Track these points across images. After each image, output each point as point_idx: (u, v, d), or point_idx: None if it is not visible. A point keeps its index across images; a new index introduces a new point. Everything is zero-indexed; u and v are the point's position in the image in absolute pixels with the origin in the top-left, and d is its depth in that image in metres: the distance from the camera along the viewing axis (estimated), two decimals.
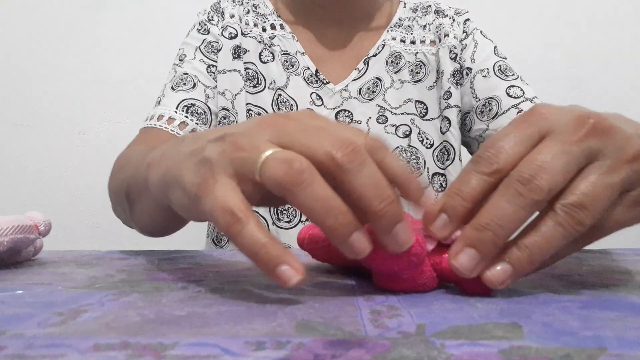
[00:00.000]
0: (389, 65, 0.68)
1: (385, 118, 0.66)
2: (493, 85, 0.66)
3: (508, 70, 0.67)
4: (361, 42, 0.70)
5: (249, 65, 0.67)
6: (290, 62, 0.68)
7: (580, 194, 0.24)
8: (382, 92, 0.67)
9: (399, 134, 0.65)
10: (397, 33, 0.71)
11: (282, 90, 0.66)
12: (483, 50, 0.69)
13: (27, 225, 0.38)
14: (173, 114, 0.61)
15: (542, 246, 0.24)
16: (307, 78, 0.67)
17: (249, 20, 0.70)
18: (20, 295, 0.27)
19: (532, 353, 0.16)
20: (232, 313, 0.22)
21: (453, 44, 0.69)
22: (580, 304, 0.24)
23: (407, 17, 0.73)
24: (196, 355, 0.16)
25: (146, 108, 1.29)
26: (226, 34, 0.68)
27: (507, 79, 0.66)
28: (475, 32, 0.70)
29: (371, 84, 0.68)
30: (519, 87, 0.65)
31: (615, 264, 0.38)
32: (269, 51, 0.68)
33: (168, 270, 0.35)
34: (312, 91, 0.67)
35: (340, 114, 0.66)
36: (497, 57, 0.68)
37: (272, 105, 0.66)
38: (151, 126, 0.61)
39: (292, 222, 0.62)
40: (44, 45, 1.31)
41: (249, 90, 0.66)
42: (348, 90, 0.67)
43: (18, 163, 1.30)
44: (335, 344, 0.17)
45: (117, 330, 0.19)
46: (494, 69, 0.67)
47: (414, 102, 0.67)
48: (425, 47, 0.70)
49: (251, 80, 0.67)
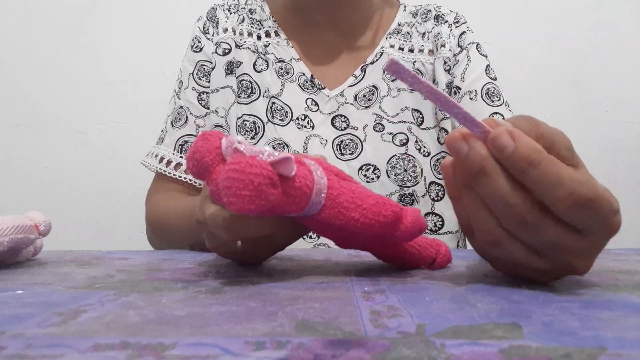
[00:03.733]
0: (386, 73, 0.68)
1: (382, 126, 0.65)
2: (477, 110, 0.65)
3: (495, 94, 0.67)
4: (358, 47, 0.70)
5: (243, 76, 0.68)
6: (285, 69, 0.68)
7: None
8: (379, 101, 0.67)
9: (396, 142, 0.65)
10: (396, 40, 0.70)
11: (276, 97, 0.67)
12: (475, 69, 0.68)
13: (27, 225, 0.38)
14: (172, 157, 0.68)
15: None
16: (302, 84, 0.67)
17: (243, 30, 0.70)
18: (20, 295, 0.27)
19: (532, 353, 0.16)
20: (232, 313, 0.22)
21: (448, 55, 0.68)
22: (580, 304, 0.24)
23: (407, 22, 0.72)
24: (196, 355, 0.16)
25: (146, 108, 1.30)
26: (220, 50, 0.69)
27: (493, 104, 0.66)
28: (471, 47, 0.69)
29: (367, 91, 0.67)
30: (502, 114, 0.65)
31: (615, 264, 0.38)
32: (263, 59, 0.69)
33: (168, 270, 0.35)
34: (308, 97, 0.67)
35: (336, 119, 0.66)
36: (487, 78, 0.68)
37: (267, 113, 0.66)
38: (163, 173, 0.68)
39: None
40: (44, 46, 1.31)
41: (242, 101, 0.67)
42: (344, 96, 0.67)
43: (18, 163, 1.30)
44: (335, 344, 0.17)
45: (117, 330, 0.19)
46: (481, 93, 0.66)
47: (411, 110, 0.67)
48: (424, 56, 0.69)
49: (245, 90, 0.67)
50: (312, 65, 0.69)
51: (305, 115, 0.66)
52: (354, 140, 0.65)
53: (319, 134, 0.65)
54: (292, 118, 0.66)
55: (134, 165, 1.30)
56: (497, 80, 0.68)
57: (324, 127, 0.66)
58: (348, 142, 0.64)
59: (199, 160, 0.29)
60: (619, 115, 1.32)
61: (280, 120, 0.66)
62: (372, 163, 0.63)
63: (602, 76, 1.32)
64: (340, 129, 0.65)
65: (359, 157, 0.64)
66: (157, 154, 0.69)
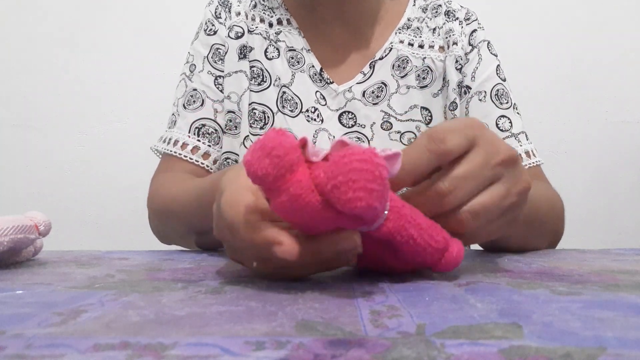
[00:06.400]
0: (396, 69, 0.67)
1: (390, 124, 0.65)
2: (486, 111, 0.65)
3: (504, 96, 0.66)
4: (368, 43, 0.69)
5: (255, 63, 0.67)
6: (296, 58, 0.67)
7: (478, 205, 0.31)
8: (387, 98, 0.66)
9: (403, 141, 0.64)
10: (405, 35, 0.69)
11: (287, 87, 0.66)
12: (486, 68, 0.67)
13: (27, 225, 0.38)
14: (186, 139, 0.65)
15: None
16: (312, 76, 0.67)
17: (255, 16, 0.69)
18: (20, 295, 0.27)
19: (532, 353, 0.16)
20: (232, 313, 0.22)
21: (460, 54, 0.67)
22: (580, 304, 0.24)
23: (417, 17, 0.71)
24: (196, 355, 0.16)
25: (146, 108, 1.30)
26: (232, 34, 0.68)
27: (501, 106, 0.65)
28: (482, 45, 0.69)
29: (376, 88, 0.66)
30: (509, 118, 0.65)
31: (615, 264, 0.38)
32: (274, 47, 0.67)
33: (168, 270, 0.35)
34: (317, 90, 0.66)
35: (343, 116, 0.65)
36: (498, 79, 0.67)
37: (277, 103, 0.65)
38: (171, 154, 0.65)
39: None
40: (44, 46, 1.31)
41: (253, 89, 0.66)
42: (352, 92, 0.66)
43: (18, 163, 1.30)
44: (335, 344, 0.17)
45: (117, 330, 0.19)
46: (491, 94, 0.66)
47: (420, 108, 0.66)
48: (434, 52, 0.68)
49: (256, 78, 0.66)
50: (321, 59, 0.68)
51: (315, 107, 0.65)
52: (361, 138, 0.64)
53: (327, 129, 0.65)
54: (301, 110, 0.65)
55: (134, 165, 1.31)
56: (506, 82, 0.68)
57: (331, 123, 0.65)
58: (356, 141, 0.64)
59: (281, 157, 0.24)
60: (619, 115, 1.32)
61: (290, 111, 0.65)
62: None
63: (602, 76, 1.32)
64: (348, 126, 0.65)
65: None
66: (171, 137, 0.66)
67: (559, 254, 0.44)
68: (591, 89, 1.32)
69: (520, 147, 0.63)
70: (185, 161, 0.64)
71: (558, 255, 0.43)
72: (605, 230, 1.28)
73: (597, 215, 1.29)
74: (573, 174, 1.29)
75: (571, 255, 0.44)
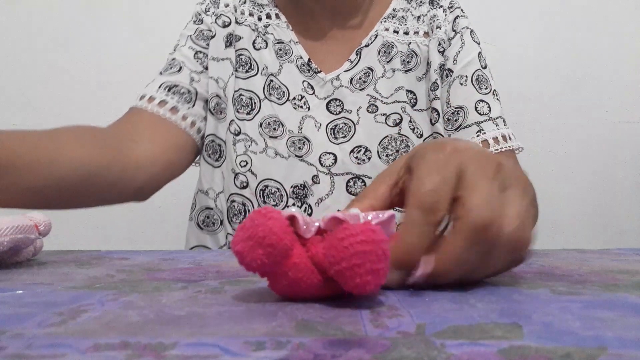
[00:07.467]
0: (382, 55, 0.69)
1: (376, 107, 0.66)
2: (466, 94, 0.66)
3: (484, 82, 0.67)
4: (354, 35, 0.70)
5: (242, 51, 0.69)
6: (284, 50, 0.69)
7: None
8: (374, 82, 0.67)
9: (389, 123, 0.65)
10: (391, 24, 0.71)
11: (274, 76, 0.68)
12: (468, 54, 0.68)
13: (27, 225, 0.38)
14: (154, 94, 0.65)
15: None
16: (299, 66, 0.68)
17: (244, 10, 0.71)
18: (20, 295, 0.27)
19: (532, 353, 0.16)
20: (232, 313, 0.22)
21: (443, 37, 0.69)
22: (580, 304, 0.24)
23: (402, 7, 0.73)
24: (196, 355, 0.16)
25: None
26: (219, 22, 0.70)
27: (481, 91, 0.66)
28: (465, 31, 0.70)
29: (363, 74, 0.68)
30: (488, 103, 0.66)
31: (615, 264, 0.38)
32: (262, 39, 0.70)
33: (168, 270, 0.35)
34: (304, 79, 0.68)
35: (331, 103, 0.67)
36: (479, 65, 0.68)
37: (264, 90, 0.67)
38: (135, 105, 0.65)
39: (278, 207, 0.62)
40: (44, 46, 1.31)
41: (239, 75, 0.67)
42: (339, 80, 0.67)
43: None
44: (335, 344, 0.17)
45: (117, 330, 0.19)
46: (472, 78, 0.67)
47: (405, 90, 0.67)
48: (419, 38, 0.70)
49: (244, 65, 0.68)
50: (309, 50, 0.69)
51: (302, 95, 0.67)
52: (347, 123, 0.66)
53: (313, 116, 0.66)
54: (288, 98, 0.67)
55: None
56: (487, 69, 0.69)
57: (318, 111, 0.66)
58: (342, 126, 0.65)
59: (274, 245, 0.22)
60: (619, 115, 1.32)
61: (277, 99, 0.67)
62: (364, 145, 0.64)
63: (602, 76, 1.32)
64: (335, 113, 0.66)
65: (351, 140, 0.64)
66: (140, 95, 0.65)
67: (559, 254, 0.44)
68: (591, 89, 1.32)
69: (497, 130, 0.65)
70: (146, 112, 0.64)
71: (558, 255, 0.43)
72: (605, 230, 1.28)
73: (597, 215, 1.29)
74: (573, 174, 1.29)
75: (571, 255, 0.44)
